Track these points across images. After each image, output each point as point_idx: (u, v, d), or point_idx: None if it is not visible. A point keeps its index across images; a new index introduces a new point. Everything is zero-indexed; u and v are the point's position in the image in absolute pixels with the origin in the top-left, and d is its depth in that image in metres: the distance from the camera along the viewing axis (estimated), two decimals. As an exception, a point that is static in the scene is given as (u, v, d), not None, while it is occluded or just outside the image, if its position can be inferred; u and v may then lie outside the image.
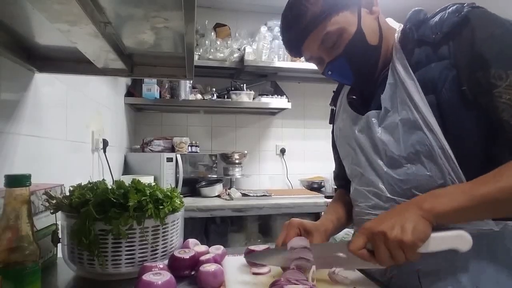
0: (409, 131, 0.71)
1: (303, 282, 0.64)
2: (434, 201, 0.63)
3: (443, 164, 0.68)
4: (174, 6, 0.68)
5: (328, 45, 0.77)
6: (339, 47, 0.76)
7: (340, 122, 0.93)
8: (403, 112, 0.72)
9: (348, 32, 0.75)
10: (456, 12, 0.70)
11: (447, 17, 0.71)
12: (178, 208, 0.85)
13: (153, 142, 2.58)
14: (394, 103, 0.75)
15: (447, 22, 0.70)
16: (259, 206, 2.21)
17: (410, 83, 0.72)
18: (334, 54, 0.78)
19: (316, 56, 0.81)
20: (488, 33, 0.66)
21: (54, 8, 0.59)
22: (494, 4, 2.92)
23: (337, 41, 0.76)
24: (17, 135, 0.97)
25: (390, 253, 0.62)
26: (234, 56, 2.66)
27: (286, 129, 3.14)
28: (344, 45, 0.76)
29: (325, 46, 0.77)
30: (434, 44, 0.71)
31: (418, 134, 0.70)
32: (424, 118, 0.69)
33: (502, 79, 0.63)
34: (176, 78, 1.13)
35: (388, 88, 0.76)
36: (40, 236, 0.80)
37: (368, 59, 0.78)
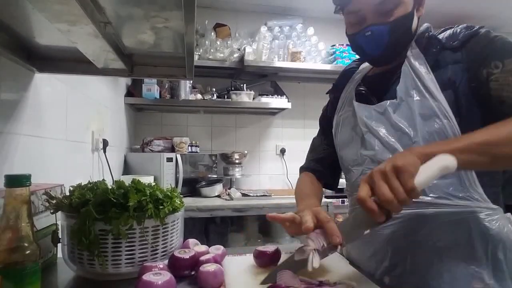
0: (426, 119, 0.78)
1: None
2: (425, 147, 0.69)
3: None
4: (174, 6, 0.68)
5: (383, 9, 0.81)
6: (391, 15, 0.81)
7: (345, 112, 0.97)
8: (420, 101, 0.80)
9: (405, 7, 0.82)
10: (468, 28, 0.82)
11: (461, 31, 0.81)
12: (178, 208, 0.85)
13: (153, 142, 2.58)
14: (410, 93, 0.81)
15: (462, 33, 0.81)
16: (259, 206, 2.21)
17: (428, 77, 0.80)
18: (383, 19, 0.82)
19: (364, 12, 0.83)
20: (490, 38, 0.78)
21: (54, 8, 0.59)
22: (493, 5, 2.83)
23: (391, 10, 0.81)
24: (17, 135, 0.97)
25: (389, 186, 0.61)
26: (234, 56, 2.66)
27: (286, 129, 3.14)
28: (397, 16, 0.81)
29: (380, 7, 0.81)
30: (452, 50, 0.81)
31: (435, 122, 0.77)
32: (441, 107, 0.77)
33: (498, 67, 0.74)
34: (176, 78, 1.13)
35: (404, 80, 0.83)
36: (40, 236, 0.80)
37: (403, 40, 0.85)
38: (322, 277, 0.72)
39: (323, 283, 0.69)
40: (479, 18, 3.18)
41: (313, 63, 2.81)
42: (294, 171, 3.04)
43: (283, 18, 2.95)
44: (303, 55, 2.77)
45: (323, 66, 2.80)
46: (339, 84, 1.05)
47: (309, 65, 2.77)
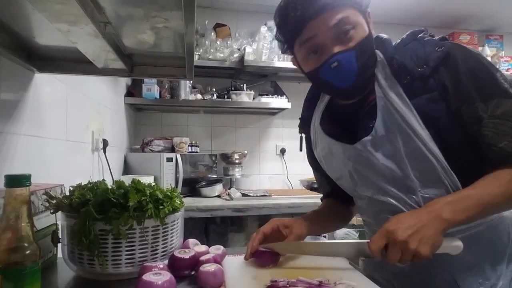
0: (413, 158, 0.76)
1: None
2: (452, 211, 0.68)
3: (449, 185, 0.76)
4: (174, 6, 0.68)
5: (342, 31, 0.73)
6: (352, 39, 0.74)
7: (321, 150, 0.92)
8: (405, 140, 0.75)
9: (363, 30, 0.75)
10: (436, 46, 0.75)
11: (429, 51, 0.75)
12: (178, 208, 0.85)
13: (153, 142, 2.58)
14: (390, 130, 0.76)
15: (431, 56, 0.74)
16: (259, 206, 2.20)
17: (407, 112, 0.75)
18: (345, 46, 0.74)
19: (320, 38, 0.74)
20: (469, 66, 0.73)
21: (54, 8, 0.59)
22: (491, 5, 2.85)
23: (351, 32, 0.73)
24: (17, 135, 0.97)
25: (401, 256, 0.67)
26: (234, 56, 2.66)
27: (286, 129, 3.14)
28: (359, 39, 0.74)
29: (338, 30, 0.73)
30: (421, 77, 0.75)
31: (425, 162, 0.75)
32: (427, 145, 0.74)
33: (485, 111, 0.71)
34: (176, 78, 1.14)
35: (382, 115, 0.77)
36: (40, 236, 0.80)
37: (370, 66, 0.78)
38: (322, 277, 0.72)
39: (323, 283, 0.69)
40: (479, 18, 3.18)
41: (313, 63, 2.80)
42: (294, 171, 3.07)
43: (283, 18, 2.94)
44: (303, 55, 2.76)
45: (323, 66, 2.79)
46: (305, 116, 0.98)
47: (309, 65, 2.76)
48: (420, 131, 0.74)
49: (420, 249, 0.65)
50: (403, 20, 3.07)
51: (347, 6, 0.73)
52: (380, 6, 2.91)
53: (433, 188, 0.77)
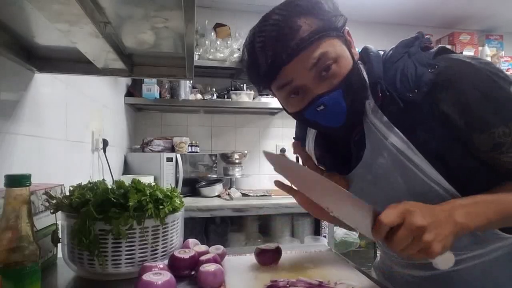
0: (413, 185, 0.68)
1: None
2: (468, 217, 0.60)
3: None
4: (174, 6, 0.68)
5: (321, 70, 0.64)
6: (336, 75, 0.64)
7: None
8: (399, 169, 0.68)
9: (346, 61, 0.65)
10: (429, 66, 0.65)
11: (420, 72, 0.65)
12: (178, 208, 0.85)
13: (153, 142, 2.58)
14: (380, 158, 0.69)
15: (424, 78, 0.64)
16: (259, 206, 2.20)
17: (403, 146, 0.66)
18: (329, 85, 0.64)
19: (299, 83, 0.65)
20: (479, 93, 0.62)
21: (54, 8, 0.59)
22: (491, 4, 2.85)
23: (334, 68, 0.64)
24: (17, 135, 0.97)
25: (408, 245, 0.57)
26: (234, 56, 2.66)
27: (286, 129, 3.13)
28: (344, 74, 0.65)
29: (319, 69, 0.63)
30: (414, 104, 0.65)
31: (424, 187, 0.67)
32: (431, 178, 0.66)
33: (506, 134, 0.62)
34: (176, 78, 1.14)
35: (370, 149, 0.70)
36: (40, 236, 0.80)
37: (360, 101, 0.69)
38: (322, 277, 0.72)
39: (323, 284, 0.69)
40: (479, 18, 3.18)
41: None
42: (294, 171, 3.05)
43: (283, 18, 2.94)
44: (303, 55, 2.76)
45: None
46: (299, 138, 0.91)
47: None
48: (416, 160, 0.66)
49: (433, 244, 0.55)
50: (403, 20, 3.07)
51: (323, 38, 0.63)
52: (380, 6, 2.91)
53: None
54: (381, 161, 0.69)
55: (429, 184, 0.66)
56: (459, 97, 0.63)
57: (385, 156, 0.68)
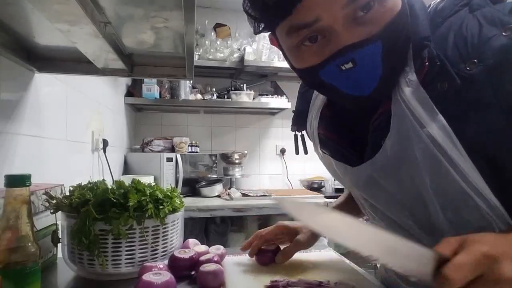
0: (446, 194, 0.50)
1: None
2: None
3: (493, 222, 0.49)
4: (174, 6, 0.68)
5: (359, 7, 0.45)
6: (376, 22, 0.46)
7: (322, 158, 0.73)
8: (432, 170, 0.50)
9: (394, 2, 0.47)
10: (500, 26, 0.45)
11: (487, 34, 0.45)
12: (178, 208, 0.85)
13: (153, 142, 2.59)
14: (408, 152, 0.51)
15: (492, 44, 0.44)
16: (259, 206, 2.20)
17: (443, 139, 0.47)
18: (366, 33, 0.46)
19: (326, 23, 0.46)
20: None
21: (54, 8, 0.59)
22: None
23: (375, 8, 0.45)
24: (17, 135, 0.97)
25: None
26: (234, 56, 2.66)
27: (286, 129, 3.13)
28: (387, 20, 0.46)
29: (355, 6, 0.45)
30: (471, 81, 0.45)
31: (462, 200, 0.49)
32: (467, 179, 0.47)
33: None
34: (176, 78, 1.13)
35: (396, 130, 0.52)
36: (40, 236, 0.80)
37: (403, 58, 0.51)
38: (322, 278, 0.72)
39: (323, 284, 0.69)
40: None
41: (313, 63, 2.80)
42: (294, 171, 3.07)
43: (283, 18, 2.95)
44: (303, 55, 2.76)
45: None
46: (300, 112, 0.75)
47: (309, 65, 2.76)
48: (457, 159, 0.47)
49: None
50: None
51: None
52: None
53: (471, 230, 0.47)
54: (409, 154, 0.50)
55: (467, 193, 0.48)
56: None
57: (415, 149, 0.50)
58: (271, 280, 0.71)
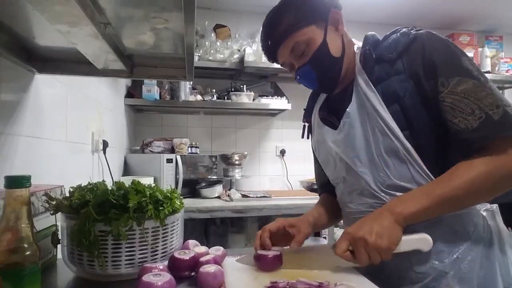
0: (377, 136, 0.82)
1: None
2: (402, 206, 0.74)
3: (408, 163, 0.80)
4: (174, 7, 0.68)
5: (297, 53, 0.87)
6: (307, 55, 0.87)
7: (317, 135, 1.01)
8: (369, 119, 0.83)
9: (315, 43, 0.86)
10: (406, 35, 0.82)
11: (399, 39, 0.83)
12: (178, 209, 0.85)
13: (153, 143, 2.58)
14: (360, 112, 0.85)
15: (400, 43, 0.82)
16: (259, 207, 2.20)
17: (372, 95, 0.82)
18: (302, 62, 0.88)
19: (288, 62, 0.91)
20: (434, 46, 0.78)
21: (54, 9, 0.59)
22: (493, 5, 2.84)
23: (305, 50, 0.86)
24: (17, 136, 0.97)
25: (368, 255, 0.72)
26: (234, 57, 2.66)
27: (286, 130, 3.14)
28: (311, 54, 0.86)
29: (295, 53, 0.87)
30: (390, 61, 0.82)
31: (385, 139, 0.81)
32: (387, 124, 0.80)
33: (444, 85, 0.75)
34: (176, 79, 1.14)
35: (354, 101, 0.86)
36: (40, 237, 0.80)
37: (330, 68, 0.88)
38: (322, 279, 0.72)
39: (322, 285, 0.69)
40: (479, 19, 3.18)
41: (313, 64, 2.81)
42: (294, 172, 3.07)
43: (283, 19, 2.95)
44: (303, 56, 2.77)
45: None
46: (309, 108, 1.08)
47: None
48: (382, 111, 0.80)
49: (378, 242, 0.70)
50: (403, 21, 3.07)
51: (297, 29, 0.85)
52: (380, 7, 2.91)
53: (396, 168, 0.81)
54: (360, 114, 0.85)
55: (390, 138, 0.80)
56: (420, 52, 0.79)
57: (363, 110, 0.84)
58: (271, 281, 0.71)
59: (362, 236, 0.71)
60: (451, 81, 0.74)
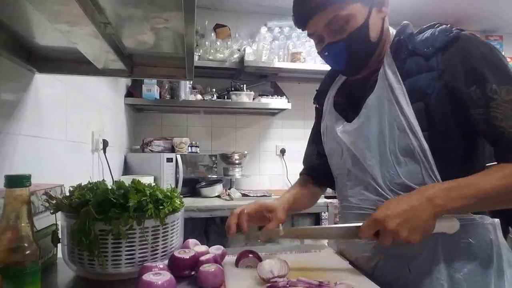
0: (395, 133, 0.79)
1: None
2: (446, 198, 0.68)
3: (422, 164, 0.77)
4: (174, 6, 0.68)
5: (334, 27, 0.81)
6: (343, 32, 0.80)
7: (328, 121, 0.98)
8: (390, 113, 0.80)
9: (356, 21, 0.80)
10: (446, 31, 0.78)
11: (438, 35, 0.79)
12: (178, 208, 0.85)
13: (153, 142, 2.59)
14: (382, 105, 0.81)
15: (439, 39, 0.78)
16: (259, 207, 2.20)
17: (398, 88, 0.79)
18: (336, 38, 0.82)
19: (318, 33, 0.84)
20: (480, 51, 0.74)
21: (54, 9, 0.59)
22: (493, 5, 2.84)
23: (343, 26, 0.80)
24: (17, 136, 0.97)
25: (393, 241, 0.68)
26: (234, 56, 2.66)
27: (286, 129, 3.14)
28: (349, 32, 0.80)
29: (331, 27, 0.81)
30: (425, 56, 0.78)
31: (403, 137, 0.78)
32: (409, 122, 0.77)
33: (497, 93, 0.71)
34: (176, 79, 1.14)
35: (376, 91, 0.83)
36: (40, 236, 0.80)
37: (363, 52, 0.84)
38: (322, 278, 0.72)
39: (322, 284, 0.69)
40: (479, 18, 3.18)
41: (313, 64, 2.80)
42: (294, 171, 3.03)
43: (283, 18, 2.95)
44: (303, 55, 2.77)
45: (323, 67, 2.79)
46: (322, 90, 1.04)
47: (309, 65, 2.77)
48: (405, 108, 0.77)
49: (410, 238, 0.67)
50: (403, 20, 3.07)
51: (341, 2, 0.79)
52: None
53: (407, 167, 0.78)
54: (381, 105, 0.81)
55: (408, 135, 0.77)
56: (465, 54, 0.75)
57: (384, 101, 0.81)
58: (271, 280, 0.71)
59: (394, 229, 0.67)
60: (502, 89, 0.71)
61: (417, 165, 0.77)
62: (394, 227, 0.67)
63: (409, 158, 0.78)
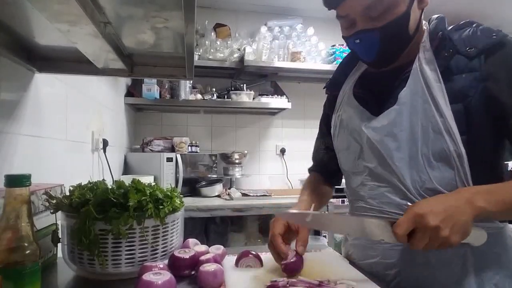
0: (429, 134, 0.73)
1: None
2: (486, 201, 0.65)
3: (456, 170, 0.72)
4: (174, 6, 0.68)
5: (371, 13, 0.74)
6: (382, 20, 0.73)
7: (343, 113, 0.91)
8: (425, 113, 0.74)
9: (397, 10, 0.73)
10: (490, 32, 0.74)
11: (481, 36, 0.74)
12: (178, 208, 0.85)
13: (153, 142, 2.58)
14: (415, 102, 0.75)
15: (482, 40, 0.73)
16: (259, 206, 2.20)
17: (437, 87, 0.73)
18: (372, 25, 0.75)
19: (351, 17, 0.77)
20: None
21: (54, 8, 0.59)
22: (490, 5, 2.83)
23: (383, 13, 0.73)
24: (17, 135, 0.97)
25: (427, 243, 0.63)
26: (234, 56, 2.66)
27: (286, 129, 3.14)
28: (388, 20, 0.73)
29: (368, 12, 0.74)
30: (467, 56, 0.73)
31: (438, 140, 0.73)
32: (446, 124, 0.72)
33: None
34: (176, 78, 1.13)
35: (409, 87, 0.76)
36: (40, 236, 0.80)
37: (399, 44, 0.78)
38: (323, 277, 0.72)
39: (323, 283, 0.69)
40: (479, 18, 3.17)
41: (313, 63, 2.81)
42: (294, 171, 3.07)
43: (283, 18, 2.95)
44: (303, 55, 2.77)
45: (323, 66, 2.80)
46: (337, 80, 0.97)
47: (309, 65, 2.77)
48: (444, 108, 0.72)
49: (451, 237, 0.62)
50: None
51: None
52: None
53: (441, 172, 0.73)
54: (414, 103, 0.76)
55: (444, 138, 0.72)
56: (505, 57, 0.71)
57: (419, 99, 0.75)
58: (271, 280, 0.71)
59: (436, 225, 0.61)
60: None
61: (451, 171, 0.73)
62: (437, 224, 0.61)
63: (443, 163, 0.73)
